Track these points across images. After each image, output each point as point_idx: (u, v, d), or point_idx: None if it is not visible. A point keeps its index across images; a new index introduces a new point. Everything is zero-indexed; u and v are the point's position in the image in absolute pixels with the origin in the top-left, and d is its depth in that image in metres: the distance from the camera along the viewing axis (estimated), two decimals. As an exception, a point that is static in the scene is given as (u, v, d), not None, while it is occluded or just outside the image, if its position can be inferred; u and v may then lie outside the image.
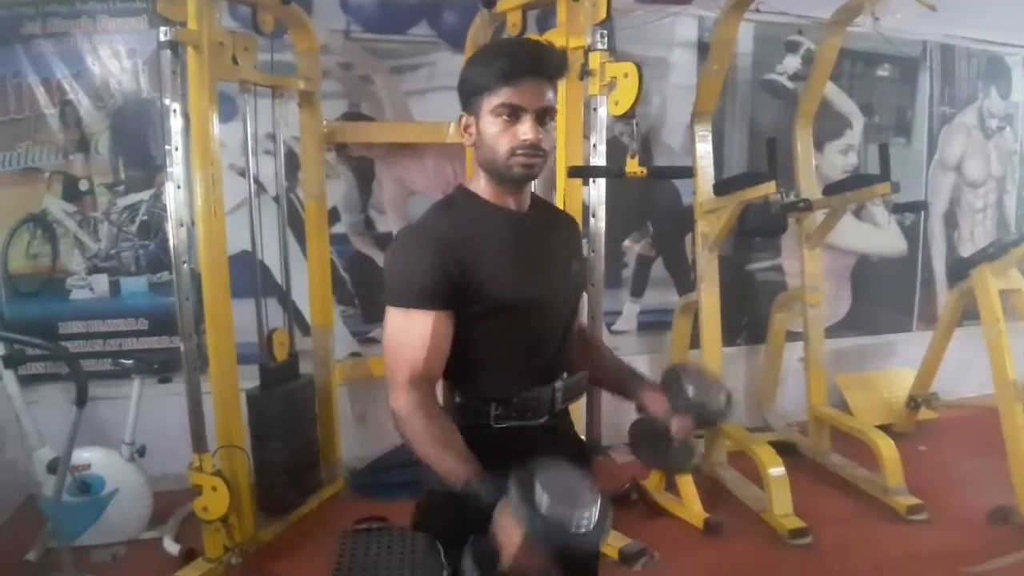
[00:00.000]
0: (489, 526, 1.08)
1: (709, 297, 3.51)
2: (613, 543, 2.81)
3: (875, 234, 4.50)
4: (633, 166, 2.55)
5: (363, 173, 3.60)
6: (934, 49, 4.41)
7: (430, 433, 1.23)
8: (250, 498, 2.84)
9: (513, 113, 1.26)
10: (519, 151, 1.27)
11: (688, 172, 3.23)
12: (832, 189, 3.65)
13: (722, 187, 3.50)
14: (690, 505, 3.20)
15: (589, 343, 1.62)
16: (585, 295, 1.92)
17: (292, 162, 3.33)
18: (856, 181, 3.53)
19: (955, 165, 4.64)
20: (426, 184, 3.68)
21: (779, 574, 2.88)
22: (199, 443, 2.59)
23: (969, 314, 3.64)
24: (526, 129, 1.26)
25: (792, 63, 4.12)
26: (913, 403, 4.06)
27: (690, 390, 1.40)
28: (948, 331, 3.88)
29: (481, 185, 1.36)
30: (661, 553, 2.91)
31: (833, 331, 4.16)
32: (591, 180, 2.69)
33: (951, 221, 4.69)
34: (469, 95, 1.30)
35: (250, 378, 3.01)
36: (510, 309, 1.32)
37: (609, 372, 1.60)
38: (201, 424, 2.61)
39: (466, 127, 1.33)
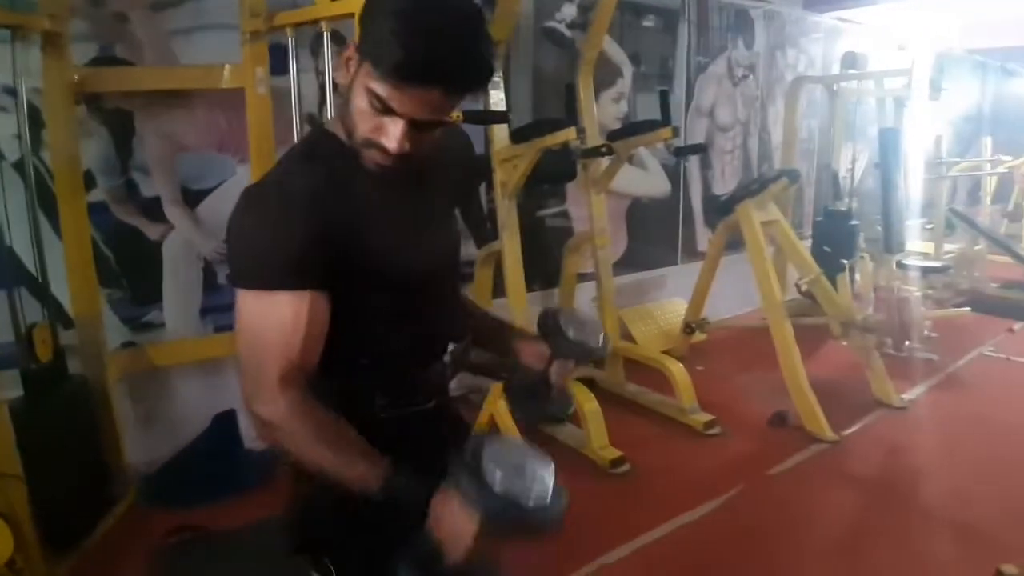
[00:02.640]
0: (417, 526, 0.94)
1: (511, 245, 3.53)
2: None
3: (644, 177, 4.85)
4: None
5: (121, 128, 3.01)
6: (691, 1, 4.79)
7: (321, 436, 1.01)
8: (33, 533, 2.32)
9: (384, 111, 0.99)
10: (376, 148, 1.02)
11: (504, 117, 3.17)
12: (616, 135, 3.82)
13: (520, 134, 3.49)
14: (516, 453, 3.25)
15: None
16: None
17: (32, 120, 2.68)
18: (641, 126, 3.72)
19: (708, 111, 5.14)
20: (197, 138, 3.20)
21: (608, 503, 3.03)
22: (-39, 479, 2.05)
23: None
24: (392, 135, 1.00)
25: (569, 11, 4.20)
26: (688, 329, 4.50)
27: (571, 332, 1.34)
28: (715, 262, 4.34)
29: (343, 129, 1.08)
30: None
31: (614, 269, 4.42)
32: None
33: (706, 162, 5.21)
34: (362, 35, 1.00)
35: (8, 387, 2.44)
36: (397, 283, 1.11)
37: (480, 329, 1.40)
38: (-41, 454, 2.06)
39: (347, 60, 1.03)
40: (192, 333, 3.27)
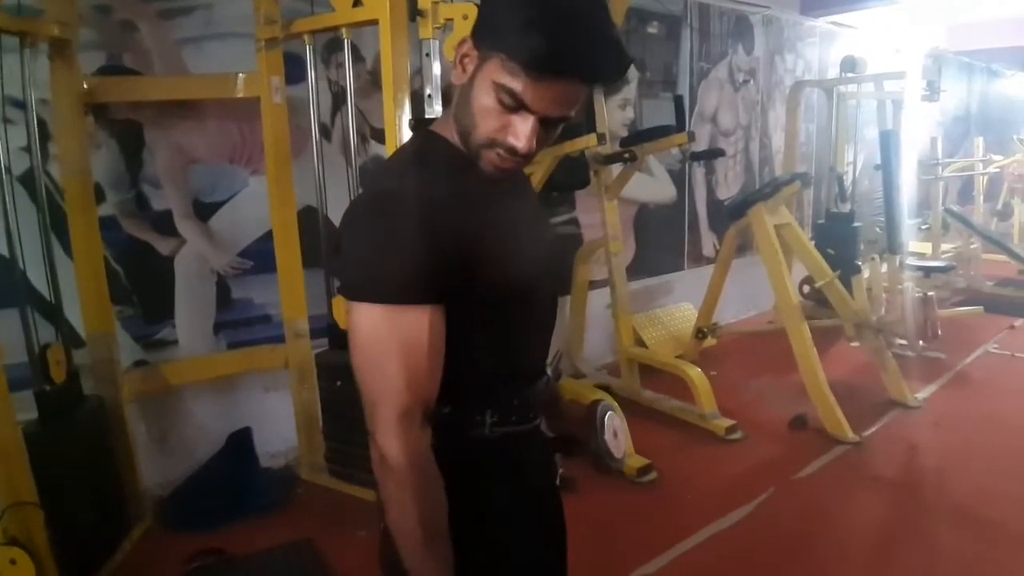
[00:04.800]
0: None
1: (529, 254, 3.48)
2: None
3: (652, 183, 4.83)
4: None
5: (130, 140, 2.92)
6: (693, 7, 4.81)
7: (424, 520, 0.96)
8: (53, 561, 2.21)
9: (516, 107, 0.92)
10: (500, 149, 0.95)
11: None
12: (630, 140, 3.81)
13: (536, 142, 3.46)
14: (542, 465, 3.19)
15: None
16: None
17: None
18: (656, 132, 3.70)
19: (711, 116, 5.14)
20: (208, 150, 3.12)
21: (640, 512, 2.98)
22: (-18, 508, 1.94)
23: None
24: (522, 133, 0.93)
25: (575, 18, 4.17)
26: (700, 334, 4.46)
27: None
28: (726, 266, 4.31)
29: (456, 132, 1.01)
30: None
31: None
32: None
33: (709, 168, 5.21)
34: (486, 28, 0.94)
35: (22, 409, 2.33)
36: (513, 297, 1.04)
37: None
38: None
39: (463, 57, 0.97)
40: (206, 350, 3.17)
